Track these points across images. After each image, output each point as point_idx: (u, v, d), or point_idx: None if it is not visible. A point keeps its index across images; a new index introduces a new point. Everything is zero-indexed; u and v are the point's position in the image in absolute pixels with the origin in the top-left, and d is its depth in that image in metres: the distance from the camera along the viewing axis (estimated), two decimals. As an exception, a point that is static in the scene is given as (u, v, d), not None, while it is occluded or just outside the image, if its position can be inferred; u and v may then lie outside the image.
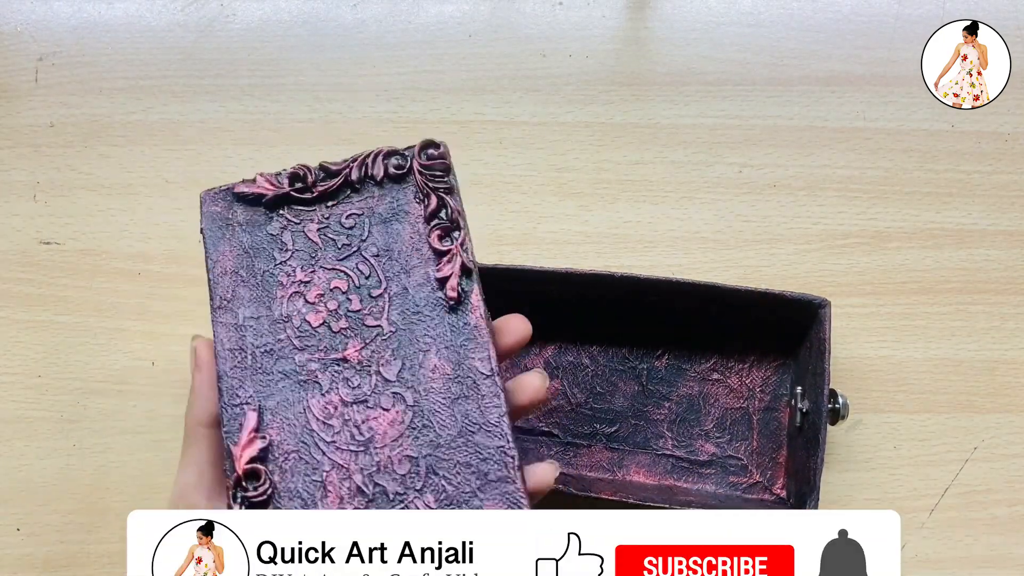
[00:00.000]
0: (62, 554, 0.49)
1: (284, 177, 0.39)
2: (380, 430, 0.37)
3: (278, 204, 0.39)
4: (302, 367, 0.38)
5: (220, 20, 0.55)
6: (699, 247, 0.53)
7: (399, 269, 0.39)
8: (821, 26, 0.55)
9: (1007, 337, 0.52)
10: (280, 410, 0.38)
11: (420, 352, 0.38)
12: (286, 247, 0.39)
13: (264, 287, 0.39)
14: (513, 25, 0.55)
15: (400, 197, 0.39)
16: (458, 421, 0.37)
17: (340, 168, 0.39)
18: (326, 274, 0.39)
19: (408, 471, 0.37)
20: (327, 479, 0.37)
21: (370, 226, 0.39)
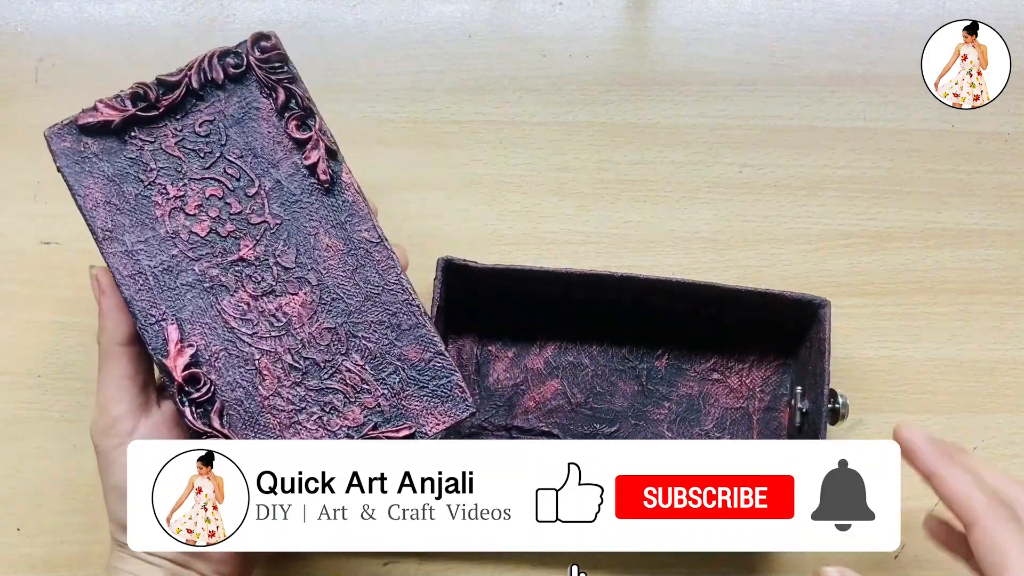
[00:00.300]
0: (62, 554, 0.49)
1: (125, 99, 0.40)
2: (295, 312, 0.40)
3: (127, 128, 0.40)
4: (203, 275, 0.40)
5: (220, 20, 0.55)
6: (699, 247, 0.52)
7: (267, 165, 0.41)
8: (821, 26, 0.55)
9: (1007, 337, 0.52)
10: (196, 318, 0.39)
11: (310, 236, 0.40)
12: (149, 167, 0.40)
13: (141, 210, 0.40)
14: (513, 25, 0.55)
15: (247, 95, 0.41)
16: (362, 288, 0.40)
17: (179, 78, 0.40)
18: (198, 184, 0.40)
19: (330, 341, 0.40)
20: (260, 365, 0.39)
21: (225, 129, 0.41)
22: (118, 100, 0.40)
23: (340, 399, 0.40)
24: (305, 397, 0.39)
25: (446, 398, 0.40)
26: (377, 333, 0.40)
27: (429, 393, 0.40)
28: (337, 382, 0.40)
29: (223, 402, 0.39)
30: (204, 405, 0.39)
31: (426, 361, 0.40)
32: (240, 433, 0.39)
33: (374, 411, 0.40)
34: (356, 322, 0.40)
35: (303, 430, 0.39)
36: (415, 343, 0.40)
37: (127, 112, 0.40)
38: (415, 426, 0.40)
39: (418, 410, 0.40)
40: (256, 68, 0.40)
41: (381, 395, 0.40)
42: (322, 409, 0.40)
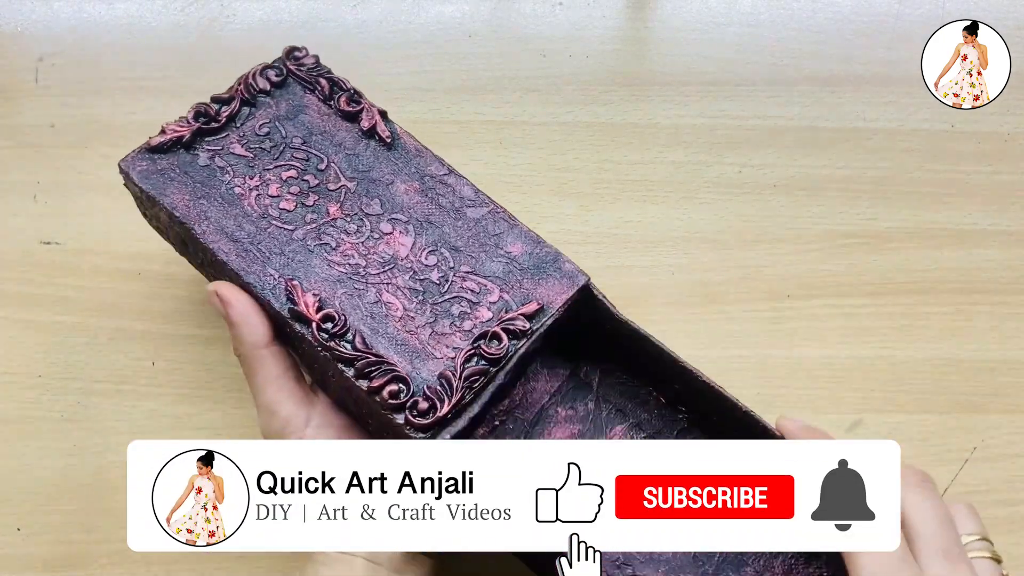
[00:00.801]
0: (62, 554, 0.49)
1: (188, 119, 0.44)
2: (396, 247, 0.43)
3: (194, 141, 0.43)
4: (304, 240, 0.42)
5: (220, 20, 0.55)
6: (699, 247, 0.53)
7: (328, 143, 0.44)
8: (821, 26, 0.55)
9: (1007, 337, 0.52)
10: (310, 276, 0.42)
11: (387, 186, 0.43)
12: (224, 169, 0.43)
13: (229, 202, 0.43)
14: (513, 25, 0.55)
15: (292, 96, 0.45)
16: (448, 211, 0.43)
17: (230, 94, 0.44)
18: (272, 173, 0.43)
19: (437, 261, 0.42)
20: (384, 298, 0.42)
21: (282, 127, 0.44)
22: (182, 120, 0.43)
23: (466, 304, 0.42)
24: (434, 311, 0.42)
25: (560, 275, 0.42)
26: (476, 243, 0.43)
27: (543, 275, 0.42)
28: (457, 291, 0.42)
29: (360, 332, 0.41)
30: (344, 335, 0.40)
31: (530, 251, 0.42)
32: (387, 354, 0.41)
33: (499, 304, 0.42)
34: (454, 240, 0.43)
35: (443, 337, 0.41)
36: (515, 240, 0.43)
37: (194, 127, 0.43)
38: (542, 302, 0.41)
39: (538, 291, 0.42)
40: (295, 73, 0.45)
41: (500, 290, 0.42)
42: (452, 317, 0.42)
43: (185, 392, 0.50)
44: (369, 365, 0.40)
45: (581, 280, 0.42)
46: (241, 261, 0.41)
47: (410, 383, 0.40)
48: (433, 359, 0.41)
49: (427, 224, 0.43)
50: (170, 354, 0.51)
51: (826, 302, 0.52)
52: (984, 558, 0.38)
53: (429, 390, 0.40)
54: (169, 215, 0.42)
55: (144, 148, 0.43)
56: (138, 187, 0.43)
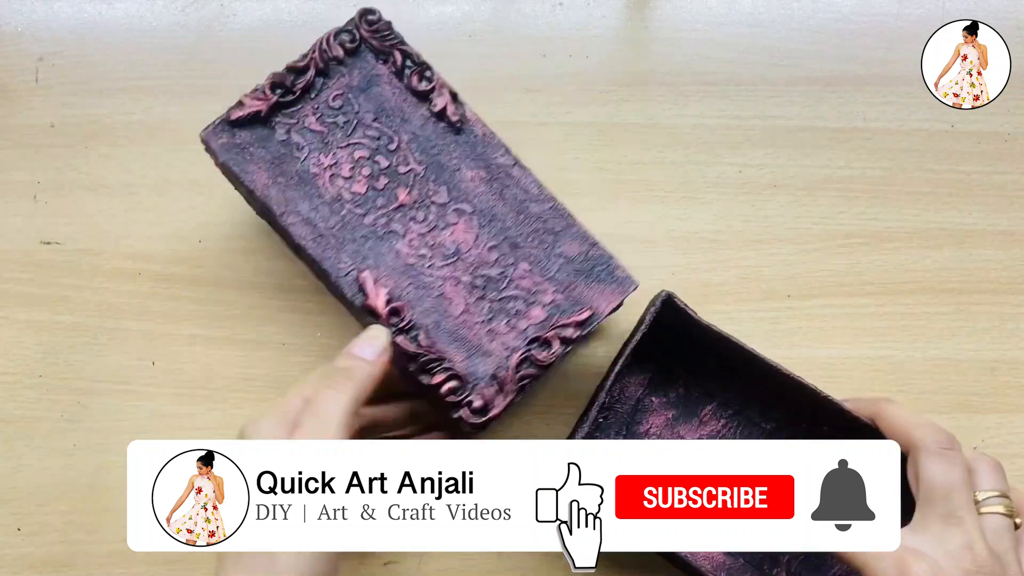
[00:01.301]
0: (62, 554, 0.49)
1: (265, 89, 0.44)
2: (460, 240, 0.44)
3: (272, 114, 0.44)
4: (374, 226, 0.44)
5: (220, 20, 0.55)
6: (699, 247, 0.53)
7: (399, 121, 0.45)
8: (821, 26, 0.55)
9: (1007, 337, 0.52)
10: (379, 264, 0.44)
11: (455, 172, 0.45)
12: (300, 145, 0.44)
13: (305, 183, 0.44)
14: (513, 25, 0.55)
15: (365, 66, 0.45)
16: (511, 205, 0.45)
17: (306, 62, 0.45)
18: (345, 151, 0.45)
19: (497, 256, 0.44)
20: (445, 291, 0.44)
21: (355, 99, 0.45)
22: (259, 92, 0.44)
23: (520, 303, 0.44)
24: (491, 308, 0.43)
25: (611, 280, 0.44)
26: (535, 240, 0.44)
27: (595, 279, 0.44)
28: (513, 289, 0.44)
29: (423, 327, 0.43)
30: (408, 332, 0.42)
31: (585, 253, 0.44)
32: (447, 349, 0.43)
33: (552, 306, 0.44)
34: (515, 235, 0.44)
35: (498, 336, 0.43)
36: (571, 240, 0.44)
37: (271, 100, 0.44)
38: (591, 309, 0.43)
39: (590, 296, 0.44)
40: (369, 40, 0.45)
41: (554, 291, 0.44)
42: (508, 315, 0.43)
43: (185, 392, 0.50)
44: (431, 362, 0.42)
45: (631, 287, 0.44)
46: (317, 247, 0.43)
47: (467, 381, 0.42)
48: (488, 356, 0.43)
49: (491, 217, 0.44)
50: (170, 354, 0.51)
51: (826, 302, 0.52)
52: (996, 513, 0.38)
53: (484, 389, 0.42)
54: (249, 191, 0.44)
55: (224, 120, 0.44)
56: (219, 161, 0.44)
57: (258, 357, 0.51)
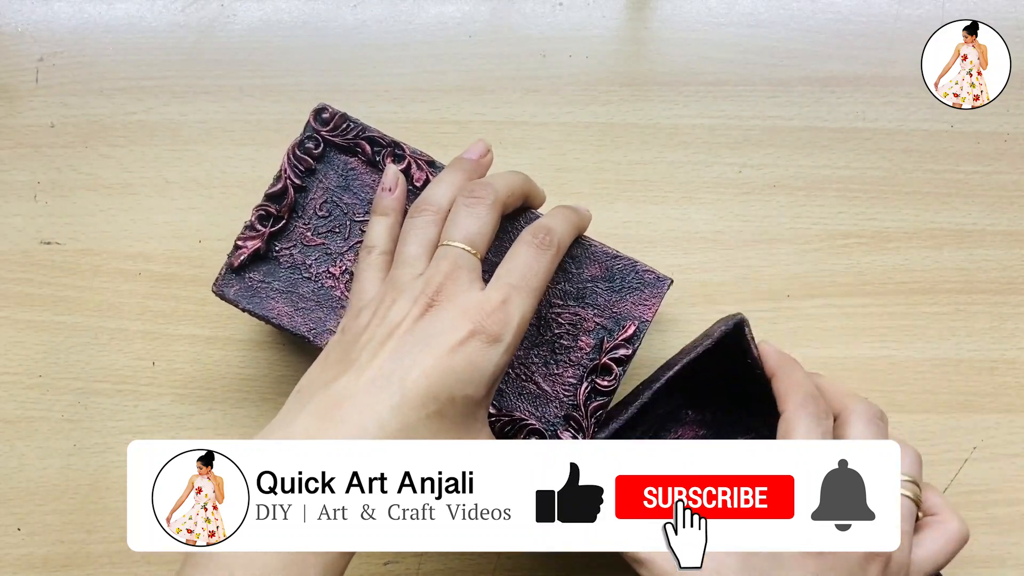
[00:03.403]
0: (62, 554, 0.49)
1: (256, 225, 0.44)
2: None
3: (270, 246, 0.44)
4: None
5: (220, 20, 0.55)
6: (699, 247, 0.53)
7: None
8: (821, 26, 0.55)
9: (1007, 337, 0.52)
10: None
11: None
12: (307, 264, 0.44)
13: (325, 299, 0.44)
14: (513, 25, 0.55)
15: (338, 163, 0.45)
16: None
17: (281, 184, 0.44)
18: (349, 254, 0.45)
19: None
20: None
21: (339, 200, 0.45)
22: (250, 229, 0.44)
23: (568, 339, 0.44)
24: (541, 354, 0.44)
25: (643, 285, 0.44)
26: (558, 273, 0.44)
27: (628, 290, 0.44)
28: (556, 328, 0.44)
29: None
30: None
31: (608, 269, 0.44)
32: (517, 407, 0.43)
33: (597, 331, 0.44)
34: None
35: (557, 376, 0.43)
36: (590, 261, 0.44)
37: (264, 233, 0.44)
38: (636, 320, 0.43)
39: (629, 308, 0.44)
40: (331, 139, 0.45)
41: (595, 316, 0.44)
42: (559, 354, 0.44)
43: (185, 392, 0.51)
44: (505, 425, 0.43)
45: (665, 285, 0.44)
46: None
47: (544, 431, 0.43)
48: (555, 400, 0.43)
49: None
50: (170, 354, 0.51)
51: (826, 302, 0.52)
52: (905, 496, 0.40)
53: (563, 432, 0.43)
54: (275, 326, 0.44)
55: (228, 268, 0.44)
56: (243, 308, 0.44)
57: (258, 357, 0.51)
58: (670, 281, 0.44)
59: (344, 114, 0.44)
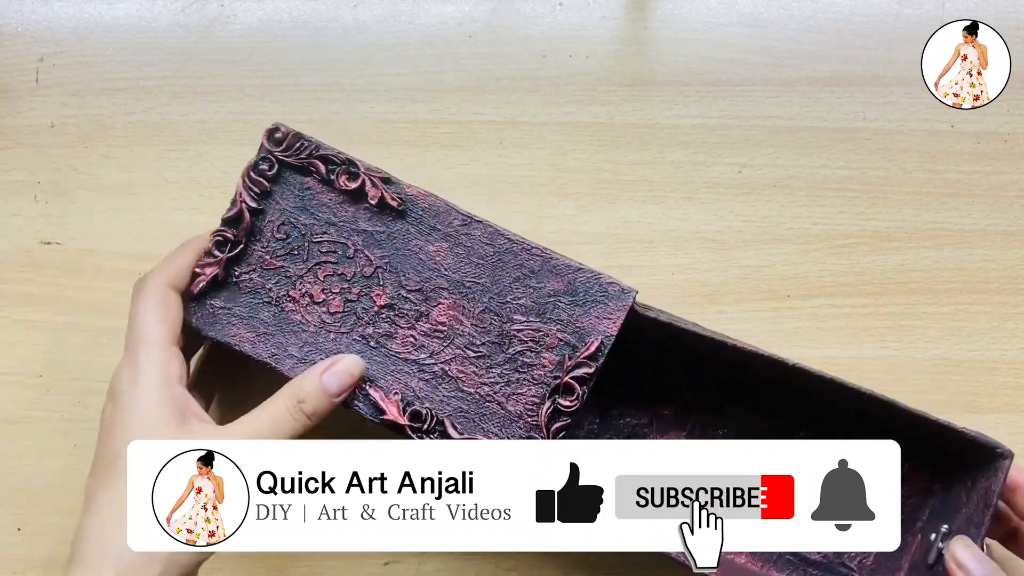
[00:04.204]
0: (62, 554, 0.49)
1: (213, 252, 0.43)
2: (449, 318, 0.43)
3: (229, 272, 0.44)
4: (364, 338, 0.43)
5: (220, 21, 0.55)
6: (699, 247, 0.53)
7: (346, 225, 0.44)
8: (821, 26, 0.55)
9: (1007, 337, 0.52)
10: (384, 372, 0.43)
11: (417, 253, 0.43)
12: (266, 287, 0.44)
13: (286, 323, 0.44)
14: (513, 25, 0.55)
15: (294, 184, 0.44)
16: (484, 264, 0.43)
17: (237, 209, 0.43)
18: (309, 276, 0.44)
19: (490, 319, 0.43)
20: (454, 373, 0.43)
21: (297, 222, 0.44)
22: (208, 256, 0.43)
23: (530, 356, 0.43)
24: (503, 372, 0.43)
25: (607, 298, 0.42)
26: (520, 288, 0.43)
27: (592, 303, 0.42)
28: (518, 344, 0.43)
29: (447, 418, 0.42)
30: (434, 431, 0.42)
31: (571, 281, 0.43)
32: (479, 431, 0.42)
33: (560, 347, 0.42)
34: (498, 292, 0.43)
35: (521, 396, 0.43)
36: (552, 274, 0.43)
37: (221, 259, 0.43)
38: (599, 335, 0.42)
39: (593, 322, 0.42)
40: (285, 160, 0.44)
41: (558, 331, 0.43)
42: (521, 372, 0.43)
43: (185, 392, 0.50)
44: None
45: (629, 298, 0.43)
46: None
47: None
48: (519, 420, 0.42)
49: (470, 285, 0.43)
50: (170, 354, 0.51)
51: (826, 302, 0.52)
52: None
53: None
54: (237, 352, 0.43)
55: (189, 297, 0.44)
56: (206, 336, 0.44)
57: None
58: (635, 293, 0.42)
59: (297, 133, 0.43)
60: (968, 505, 0.43)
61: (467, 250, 0.43)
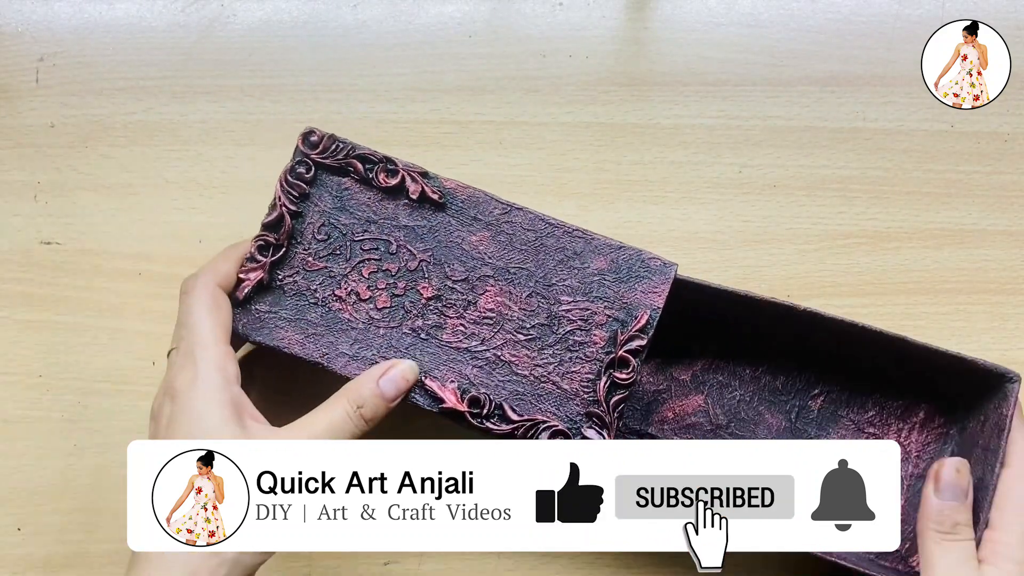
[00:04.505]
0: (62, 554, 0.49)
1: (256, 256, 0.44)
2: (497, 304, 0.44)
3: (273, 275, 0.44)
4: (414, 331, 0.44)
5: (220, 21, 0.55)
6: (699, 247, 0.53)
7: (387, 222, 0.44)
8: (821, 26, 0.55)
9: (1007, 337, 0.52)
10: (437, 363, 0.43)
11: (460, 244, 0.44)
12: (311, 289, 0.44)
13: (334, 323, 0.44)
14: (513, 25, 0.55)
15: (331, 184, 0.45)
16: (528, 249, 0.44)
17: (277, 213, 0.44)
18: (353, 274, 0.44)
19: (537, 303, 0.44)
20: (507, 358, 0.44)
21: (337, 222, 0.44)
22: (251, 261, 0.44)
23: (580, 334, 0.43)
24: (555, 352, 0.43)
25: (650, 272, 0.43)
26: (564, 270, 0.44)
27: (636, 279, 0.43)
28: (567, 324, 0.43)
29: (504, 402, 0.43)
30: (494, 415, 0.43)
31: (614, 259, 0.44)
32: (537, 411, 0.43)
33: (609, 323, 0.43)
34: (544, 275, 0.44)
35: (575, 374, 0.43)
36: (596, 254, 0.44)
37: (265, 263, 0.44)
38: (647, 309, 0.43)
39: (639, 297, 0.43)
40: (321, 162, 0.44)
41: (605, 308, 0.43)
42: (573, 351, 0.43)
43: (185, 392, 0.50)
44: (528, 430, 0.42)
45: (672, 271, 0.43)
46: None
47: (568, 431, 0.42)
48: (576, 398, 0.43)
49: (514, 269, 0.44)
50: (170, 354, 0.51)
51: (826, 302, 0.52)
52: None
53: (587, 430, 0.42)
54: (287, 355, 0.44)
55: (236, 303, 0.44)
56: (252, 341, 0.44)
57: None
58: (676, 266, 0.44)
59: (332, 135, 0.44)
60: (983, 436, 0.43)
61: (509, 237, 0.44)
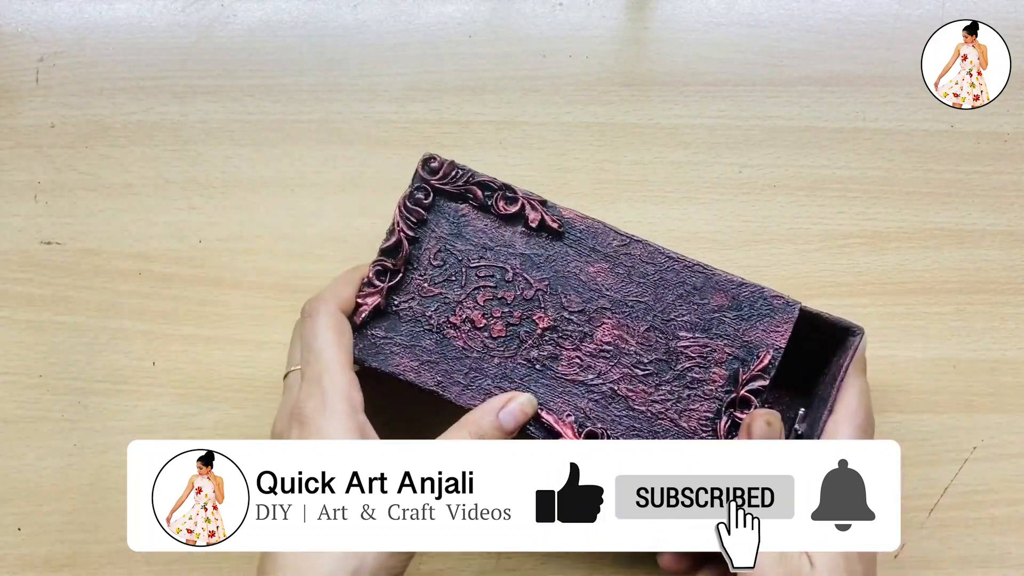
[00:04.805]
0: (62, 554, 0.49)
1: (374, 281, 0.43)
2: (614, 337, 0.43)
3: (389, 301, 0.44)
4: (530, 361, 0.43)
5: (221, 21, 0.55)
6: (699, 247, 0.53)
7: (503, 249, 0.44)
8: (821, 26, 0.55)
9: (1007, 337, 0.52)
10: (554, 396, 0.43)
11: (578, 275, 0.44)
12: (426, 315, 0.44)
13: (448, 351, 0.43)
14: (513, 25, 0.55)
15: (448, 211, 0.44)
16: (646, 283, 0.43)
17: (395, 239, 0.43)
18: (468, 301, 0.44)
19: (655, 338, 0.43)
20: (623, 392, 0.43)
21: (453, 248, 0.44)
22: (369, 286, 0.44)
23: (699, 371, 0.43)
24: (673, 389, 0.43)
25: (772, 311, 0.43)
26: (683, 305, 0.43)
27: (757, 317, 0.43)
28: (686, 361, 0.43)
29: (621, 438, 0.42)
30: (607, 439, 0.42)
31: (735, 296, 0.43)
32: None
33: (729, 361, 0.43)
34: (662, 310, 0.43)
35: (693, 412, 0.43)
36: (715, 290, 0.43)
37: (382, 288, 0.43)
38: (769, 348, 0.42)
39: (760, 336, 0.43)
40: (441, 188, 0.44)
41: (725, 346, 0.43)
42: (692, 388, 0.43)
43: (185, 392, 0.51)
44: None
45: (795, 310, 0.43)
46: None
47: None
48: (693, 436, 0.42)
49: (633, 304, 0.43)
50: (170, 354, 0.51)
51: (826, 302, 0.52)
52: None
53: None
54: (403, 382, 0.43)
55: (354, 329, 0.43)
56: (367, 366, 0.43)
57: (258, 357, 0.51)
58: (799, 305, 0.43)
59: (452, 161, 0.44)
60: (822, 387, 0.45)
61: (628, 270, 0.43)
